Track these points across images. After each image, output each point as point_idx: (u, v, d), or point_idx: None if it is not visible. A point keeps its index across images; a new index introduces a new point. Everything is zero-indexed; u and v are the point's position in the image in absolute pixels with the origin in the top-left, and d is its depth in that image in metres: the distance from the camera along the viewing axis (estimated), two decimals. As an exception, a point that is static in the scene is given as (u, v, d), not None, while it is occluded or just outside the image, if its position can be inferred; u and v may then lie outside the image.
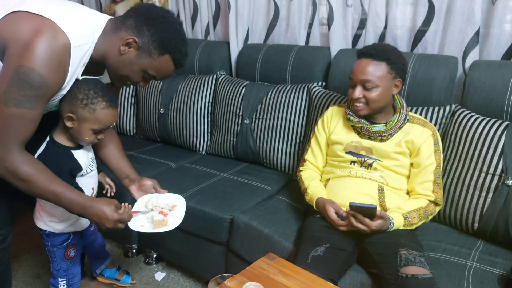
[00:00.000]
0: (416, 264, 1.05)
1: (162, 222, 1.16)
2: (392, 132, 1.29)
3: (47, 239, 1.27)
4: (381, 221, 1.15)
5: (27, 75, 0.93)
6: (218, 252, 1.52)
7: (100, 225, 1.08)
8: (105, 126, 1.13)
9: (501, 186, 1.25)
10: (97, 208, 1.06)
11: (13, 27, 0.95)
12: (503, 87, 1.35)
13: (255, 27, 2.08)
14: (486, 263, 1.18)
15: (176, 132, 2.08)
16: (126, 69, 1.06)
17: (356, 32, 1.81)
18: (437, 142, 1.30)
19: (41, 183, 1.02)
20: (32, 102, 0.96)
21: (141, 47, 1.03)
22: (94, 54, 1.05)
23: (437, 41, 1.62)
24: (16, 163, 0.98)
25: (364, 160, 1.31)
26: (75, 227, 1.28)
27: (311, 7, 1.88)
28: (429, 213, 1.25)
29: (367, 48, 1.27)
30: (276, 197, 1.59)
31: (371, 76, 1.22)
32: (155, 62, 1.05)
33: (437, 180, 1.28)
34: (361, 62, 1.25)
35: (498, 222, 1.25)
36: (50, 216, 1.23)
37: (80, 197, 1.07)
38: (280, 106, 1.78)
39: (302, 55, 1.84)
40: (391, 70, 1.24)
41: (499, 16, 1.46)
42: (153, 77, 1.09)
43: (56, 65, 0.97)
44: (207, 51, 2.13)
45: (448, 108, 1.45)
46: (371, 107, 1.27)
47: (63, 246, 1.28)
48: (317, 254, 1.13)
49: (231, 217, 1.46)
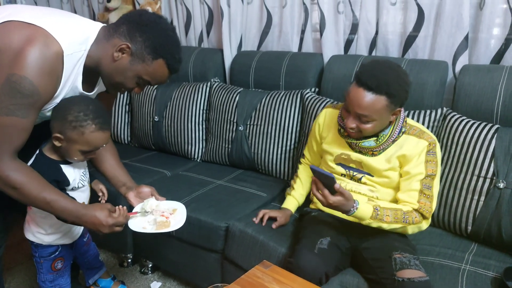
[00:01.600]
0: (411, 267, 1.06)
1: (165, 223, 1.16)
2: (385, 146, 1.21)
3: (35, 250, 1.27)
4: (340, 198, 1.08)
5: (18, 84, 0.93)
6: (214, 260, 1.51)
7: (96, 231, 1.07)
8: (95, 148, 1.12)
9: (493, 189, 1.26)
10: (90, 215, 1.05)
11: (4, 36, 0.96)
12: (493, 91, 1.37)
13: (248, 34, 2.10)
14: (480, 266, 1.19)
15: (170, 140, 2.08)
16: (120, 76, 1.06)
17: (348, 38, 1.83)
18: (433, 152, 1.19)
19: (33, 191, 1.01)
20: (23, 110, 0.96)
21: (134, 53, 1.04)
22: (88, 61, 1.05)
23: (427, 46, 1.64)
24: (7, 171, 0.98)
25: (354, 174, 1.28)
26: (64, 240, 1.27)
27: (303, 14, 1.89)
28: (409, 219, 1.15)
29: (367, 76, 1.09)
30: (272, 204, 1.59)
31: (368, 111, 1.10)
32: (149, 67, 1.05)
33: (424, 191, 1.17)
34: (359, 93, 1.10)
35: (491, 225, 1.27)
36: (38, 227, 1.22)
37: (73, 205, 1.06)
38: (274, 112, 1.79)
39: (295, 61, 1.85)
40: (391, 103, 1.11)
41: (487, 21, 1.48)
42: (148, 82, 1.09)
43: (48, 73, 0.97)
44: (201, 59, 2.14)
45: (439, 111, 1.46)
46: (364, 134, 1.18)
47: (50, 258, 1.27)
48: (322, 247, 1.14)
49: (227, 225, 1.46)
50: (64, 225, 1.22)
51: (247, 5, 2.03)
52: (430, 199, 1.17)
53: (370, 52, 1.78)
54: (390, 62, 1.15)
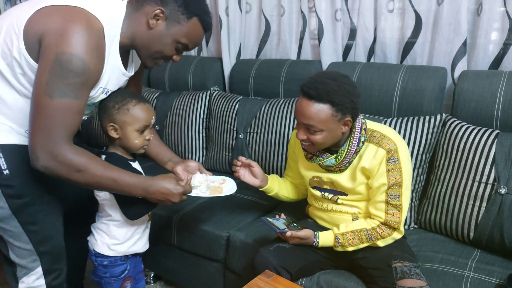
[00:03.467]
0: (412, 277, 1.06)
1: (218, 189, 1.19)
2: (348, 160, 1.17)
3: (103, 271, 1.21)
4: (298, 239, 1.15)
5: (69, 62, 0.91)
6: (216, 270, 1.51)
7: (165, 202, 1.05)
8: (146, 122, 1.13)
9: (494, 194, 1.26)
10: (158, 186, 1.04)
11: (44, 20, 0.94)
12: (492, 97, 1.37)
13: (247, 42, 2.11)
14: (483, 272, 1.18)
15: (171, 149, 2.07)
16: (158, 43, 1.05)
17: (347, 45, 1.84)
18: (394, 159, 1.12)
19: (97, 170, 0.98)
20: (76, 91, 0.94)
21: (169, 16, 1.04)
22: (122, 39, 1.05)
23: (425, 53, 1.65)
24: (68, 155, 0.95)
25: (330, 197, 1.25)
26: (136, 247, 1.24)
27: (301, 22, 1.91)
28: (375, 236, 1.14)
29: (308, 84, 1.08)
30: (273, 212, 1.59)
31: (313, 121, 1.08)
32: (184, 28, 1.05)
33: (391, 201, 1.13)
34: (302, 102, 1.09)
35: (493, 231, 1.26)
36: (113, 238, 1.19)
37: (138, 178, 1.05)
38: (274, 120, 1.79)
39: (294, 69, 1.86)
40: (336, 112, 1.07)
41: (485, 27, 1.49)
42: (185, 46, 1.09)
43: (96, 49, 0.96)
44: (200, 68, 2.15)
45: (439, 117, 1.46)
46: (320, 147, 1.16)
47: (121, 278, 1.22)
48: (283, 246, 1.17)
49: (228, 235, 1.46)
50: (137, 229, 1.21)
51: (246, 14, 2.05)
52: (399, 208, 1.14)
53: (369, 59, 1.79)
54: (335, 73, 1.12)
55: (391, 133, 1.17)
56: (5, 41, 0.96)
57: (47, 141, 0.93)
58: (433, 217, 1.41)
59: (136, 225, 1.21)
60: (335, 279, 1.18)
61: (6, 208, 1.04)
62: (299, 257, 1.18)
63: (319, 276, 1.20)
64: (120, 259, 1.22)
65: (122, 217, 1.17)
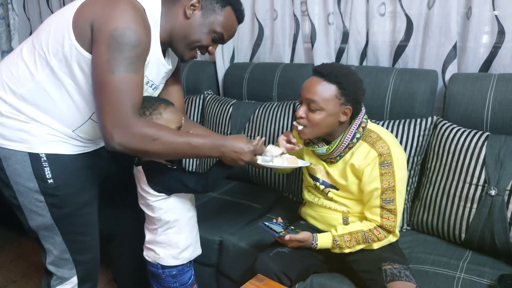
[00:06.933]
0: (401, 279, 1.06)
1: (294, 160, 1.16)
2: (339, 153, 1.18)
3: (173, 281, 1.19)
4: (296, 242, 1.15)
5: (124, 35, 0.93)
6: (209, 274, 1.50)
7: (237, 161, 1.05)
8: (179, 123, 1.12)
9: (485, 196, 1.27)
10: (229, 144, 1.04)
11: (91, 8, 0.97)
12: (482, 99, 1.39)
13: (240, 46, 2.11)
14: (474, 273, 1.19)
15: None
16: (196, 32, 1.09)
17: (339, 48, 1.85)
18: (387, 163, 1.12)
19: (170, 137, 0.99)
20: (135, 64, 0.95)
21: (204, 5, 1.08)
22: (161, 34, 1.07)
23: (417, 56, 1.66)
24: (141, 126, 0.96)
25: (322, 189, 1.26)
26: (198, 250, 1.24)
27: (294, 25, 1.92)
28: (372, 237, 1.15)
29: (322, 66, 1.17)
30: (267, 216, 1.59)
31: (317, 97, 1.12)
32: (220, 17, 1.09)
33: (386, 206, 1.14)
34: (311, 80, 1.15)
35: (484, 232, 1.27)
36: (175, 248, 1.17)
37: (210, 138, 1.05)
38: (268, 123, 1.80)
39: (288, 72, 1.87)
40: (340, 95, 1.12)
41: (474, 30, 1.50)
42: (221, 36, 1.11)
43: (142, 21, 0.98)
44: (194, 71, 2.15)
45: (430, 120, 1.47)
46: (314, 131, 1.16)
47: (189, 284, 1.21)
48: (282, 251, 1.17)
49: (220, 239, 1.45)
50: (192, 231, 1.21)
51: (239, 17, 2.06)
52: (394, 212, 1.14)
53: (361, 62, 1.80)
54: (348, 66, 1.17)
55: (388, 137, 1.17)
56: (55, 37, 0.98)
57: (118, 117, 0.94)
58: (425, 218, 1.41)
59: (191, 226, 1.20)
60: (327, 282, 1.18)
61: (48, 217, 1.07)
62: (298, 262, 1.18)
63: (312, 279, 1.20)
64: (187, 265, 1.21)
65: (181, 218, 1.16)
